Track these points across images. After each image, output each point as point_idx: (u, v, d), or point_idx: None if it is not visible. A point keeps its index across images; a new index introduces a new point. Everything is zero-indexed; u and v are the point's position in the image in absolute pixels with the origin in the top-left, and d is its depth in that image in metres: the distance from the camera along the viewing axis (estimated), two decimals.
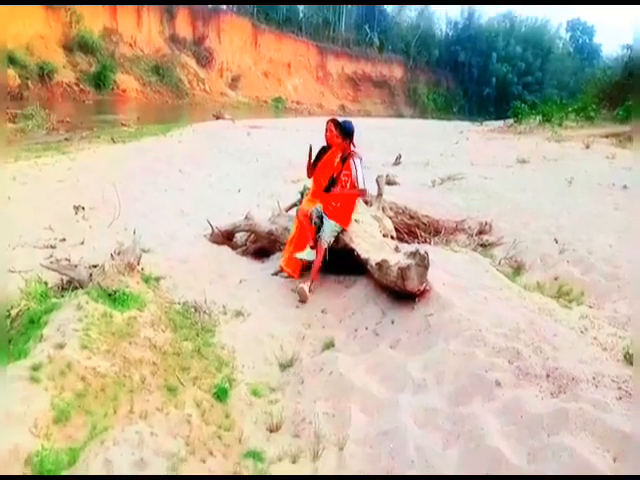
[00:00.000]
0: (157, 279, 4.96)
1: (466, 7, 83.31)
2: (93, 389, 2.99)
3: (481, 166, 13.09)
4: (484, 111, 63.46)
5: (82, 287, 4.32)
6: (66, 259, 5.15)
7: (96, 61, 44.82)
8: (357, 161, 5.24)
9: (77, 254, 5.30)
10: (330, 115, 6.02)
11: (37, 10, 41.41)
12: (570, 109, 27.16)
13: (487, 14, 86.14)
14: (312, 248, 5.13)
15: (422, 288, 3.96)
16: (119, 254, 4.70)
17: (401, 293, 4.12)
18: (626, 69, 28.16)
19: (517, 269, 5.99)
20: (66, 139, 16.95)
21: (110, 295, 4.06)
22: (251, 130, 22.02)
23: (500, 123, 28.77)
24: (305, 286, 4.87)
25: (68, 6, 43.95)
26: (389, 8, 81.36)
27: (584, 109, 25.55)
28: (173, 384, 3.33)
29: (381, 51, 77.35)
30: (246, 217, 6.47)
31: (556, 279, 5.64)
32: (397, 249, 4.93)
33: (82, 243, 5.86)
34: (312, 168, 5.78)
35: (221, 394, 3.39)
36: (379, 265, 4.34)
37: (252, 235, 6.58)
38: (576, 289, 5.32)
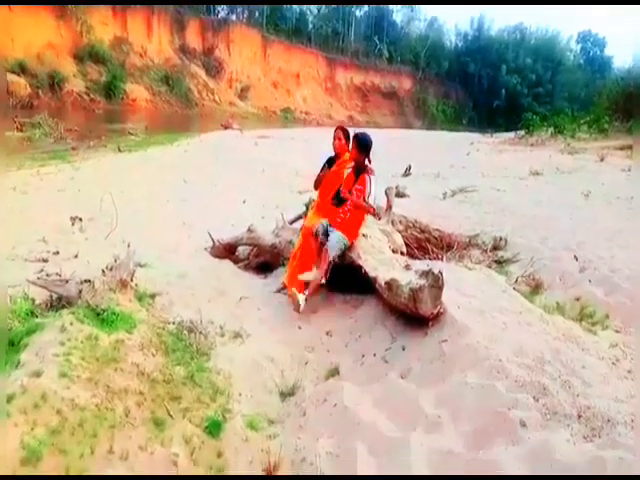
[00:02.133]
0: (152, 296, 4.66)
1: (476, 18, 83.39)
2: (70, 424, 2.68)
3: (493, 178, 12.76)
4: (494, 123, 63.09)
5: (71, 305, 4.03)
6: (57, 274, 4.87)
7: (106, 70, 45.02)
8: (372, 178, 4.96)
9: (70, 268, 5.01)
10: None
11: (48, 20, 41.79)
12: (582, 121, 26.82)
13: (497, 25, 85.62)
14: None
15: (436, 312, 3.63)
16: (111, 269, 4.41)
17: (413, 316, 3.79)
18: (639, 81, 27.85)
19: (535, 288, 5.63)
20: (73, 148, 16.81)
21: (98, 315, 3.77)
22: (259, 140, 21.84)
23: (511, 135, 28.49)
24: (300, 296, 4.57)
25: (79, 16, 44.28)
26: (398, 19, 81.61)
27: (597, 121, 25.18)
28: (160, 417, 3.01)
29: (390, 62, 77.37)
30: (249, 230, 6.18)
31: (577, 300, 5.28)
32: (408, 267, 4.60)
33: (76, 256, 5.58)
34: (320, 180, 5.49)
35: (213, 428, 3.07)
36: (388, 285, 4.02)
37: (255, 249, 6.29)
38: (600, 311, 4.95)
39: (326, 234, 4.83)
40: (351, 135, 5.44)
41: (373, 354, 3.80)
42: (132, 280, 4.47)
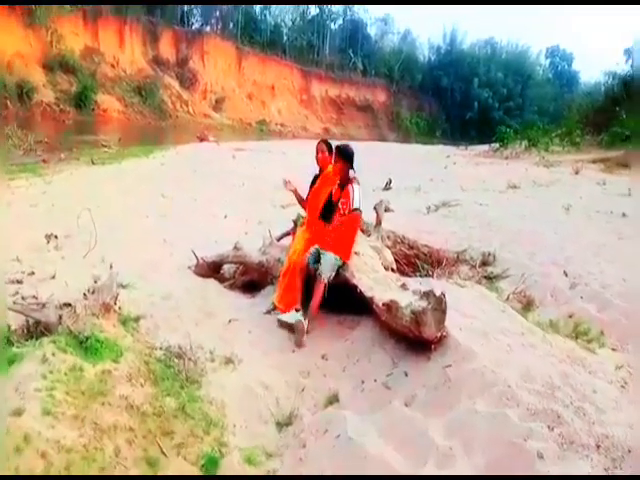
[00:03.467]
0: (136, 319, 4.44)
1: (448, 32, 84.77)
2: (56, 468, 2.46)
3: (473, 191, 12.81)
4: (466, 135, 64.04)
5: (50, 331, 3.78)
6: (34, 296, 4.59)
7: (77, 81, 44.16)
8: (356, 186, 4.86)
9: (47, 290, 4.73)
10: (314, 138, 5.67)
11: (17, 29, 40.92)
12: (554, 134, 27.32)
13: (469, 40, 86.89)
14: (297, 311, 4.61)
15: (439, 335, 3.50)
16: (93, 292, 4.18)
17: (414, 339, 3.65)
18: (608, 96, 28.63)
19: (527, 305, 5.57)
20: (43, 160, 16.28)
21: (81, 342, 3.54)
22: (236, 153, 21.59)
23: (485, 147, 28.79)
24: (305, 322, 4.36)
25: (49, 25, 43.44)
26: (372, 32, 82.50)
27: (568, 134, 25.69)
28: (153, 455, 2.81)
29: (364, 75, 78.03)
30: (235, 247, 5.98)
31: (571, 317, 5.23)
32: (404, 286, 4.48)
33: (53, 277, 5.29)
34: (305, 200, 5.38)
35: (210, 466, 2.88)
36: (387, 306, 3.88)
37: (241, 267, 6.09)
38: (594, 328, 4.90)
39: (318, 260, 4.67)
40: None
41: (373, 380, 3.64)
42: (115, 303, 4.25)
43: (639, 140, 18.77)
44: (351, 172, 4.98)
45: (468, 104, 77.79)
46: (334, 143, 5.40)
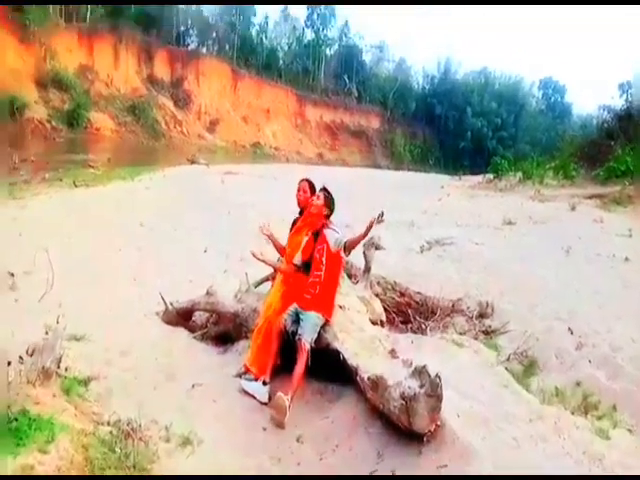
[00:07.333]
0: (86, 382, 3.86)
1: (442, 61, 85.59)
2: None
3: (468, 227, 12.34)
4: (459, 164, 64.02)
5: None
6: None
7: (70, 98, 43.58)
8: (332, 230, 4.35)
9: None
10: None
11: (10, 43, 40.53)
12: (548, 167, 27.09)
13: (463, 70, 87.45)
14: (265, 384, 4.05)
15: (433, 428, 2.93)
16: (32, 354, 3.61)
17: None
18: (602, 129, 28.54)
19: (529, 367, 5.05)
20: (25, 181, 15.73)
21: (8, 422, 2.96)
22: (226, 177, 21.06)
23: (479, 178, 28.52)
24: (286, 398, 3.66)
25: (43, 41, 43.07)
26: (367, 59, 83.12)
27: (562, 167, 25.43)
28: None
29: (359, 101, 78.34)
30: (207, 292, 5.42)
31: (578, 384, 4.70)
32: (393, 352, 3.92)
33: None
34: (283, 247, 4.84)
35: None
36: (374, 382, 3.32)
37: (214, 315, 5.52)
38: (605, 400, 4.38)
39: (297, 321, 4.12)
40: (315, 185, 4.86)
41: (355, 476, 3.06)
42: (58, 367, 3.66)
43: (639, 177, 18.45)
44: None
45: (461, 133, 78.08)
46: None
